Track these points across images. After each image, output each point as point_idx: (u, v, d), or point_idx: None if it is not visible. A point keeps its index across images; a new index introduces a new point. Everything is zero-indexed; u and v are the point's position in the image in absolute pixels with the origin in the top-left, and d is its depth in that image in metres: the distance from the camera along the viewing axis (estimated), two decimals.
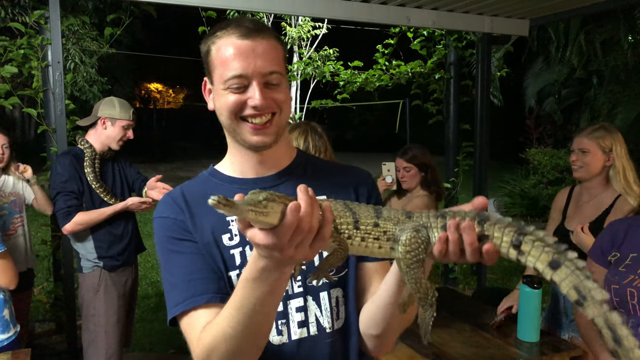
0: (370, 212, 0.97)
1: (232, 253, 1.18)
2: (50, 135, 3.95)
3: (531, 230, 0.86)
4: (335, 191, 1.25)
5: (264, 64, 1.12)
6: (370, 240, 0.97)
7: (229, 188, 1.22)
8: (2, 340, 2.52)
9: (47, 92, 3.93)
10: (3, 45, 3.90)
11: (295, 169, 1.28)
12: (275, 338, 1.18)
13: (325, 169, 1.34)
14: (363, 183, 1.32)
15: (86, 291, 3.19)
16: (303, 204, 0.87)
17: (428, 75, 5.20)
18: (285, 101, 1.18)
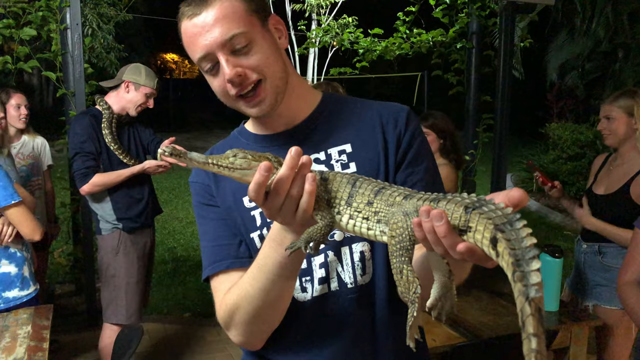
0: (372, 188, 0.90)
1: (252, 214, 1.17)
2: (69, 99, 3.96)
3: (511, 228, 0.71)
4: (360, 132, 1.17)
5: (220, 31, 1.03)
6: (359, 220, 0.90)
7: (253, 147, 1.20)
8: (21, 297, 2.58)
9: (66, 56, 3.92)
10: (22, 7, 3.88)
11: (316, 118, 1.20)
12: (300, 295, 1.17)
13: (350, 111, 1.22)
14: (391, 118, 1.18)
15: (105, 253, 3.23)
16: (283, 167, 0.86)
17: (449, 44, 5.08)
18: (265, 63, 1.06)
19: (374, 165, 1.15)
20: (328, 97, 1.25)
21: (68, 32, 3.86)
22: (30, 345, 2.09)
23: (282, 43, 1.14)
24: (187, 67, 34.66)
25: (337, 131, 1.18)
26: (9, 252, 2.57)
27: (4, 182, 2.45)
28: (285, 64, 1.13)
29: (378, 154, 1.16)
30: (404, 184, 1.14)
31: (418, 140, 1.19)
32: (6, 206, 2.45)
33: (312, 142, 1.17)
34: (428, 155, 1.21)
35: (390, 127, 1.18)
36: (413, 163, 1.17)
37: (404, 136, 1.18)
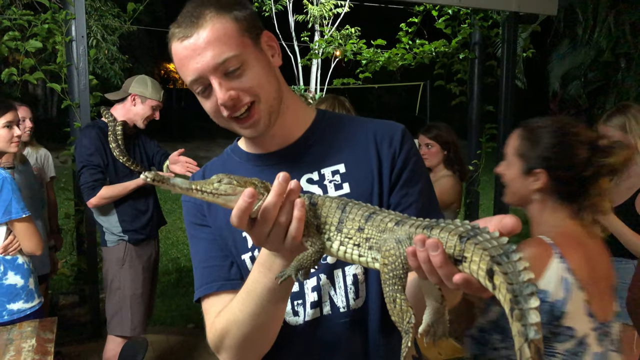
0: (363, 214, 0.87)
1: (244, 236, 1.15)
2: (74, 110, 3.97)
3: (507, 260, 0.68)
4: (354, 151, 1.15)
5: (212, 55, 1.00)
6: (350, 246, 0.87)
7: (245, 166, 1.19)
8: (25, 309, 2.58)
9: (71, 68, 3.95)
10: (27, 19, 3.91)
11: (309, 137, 1.18)
12: (291, 319, 1.14)
13: (344, 130, 1.19)
14: (386, 137, 1.15)
15: (111, 264, 3.23)
16: (271, 193, 0.85)
17: (452, 55, 5.10)
18: (259, 84, 1.04)
19: (367, 185, 1.13)
20: (322, 116, 1.22)
21: (73, 44, 3.89)
22: (35, 358, 2.08)
23: (275, 61, 1.12)
24: None
25: (330, 151, 1.16)
26: (17, 263, 2.58)
27: (17, 195, 2.49)
28: (279, 83, 1.11)
29: (372, 174, 1.13)
30: (398, 205, 1.12)
31: (413, 160, 1.16)
32: (17, 219, 2.48)
33: (305, 162, 1.15)
34: (423, 175, 1.18)
35: (385, 145, 1.15)
36: (408, 184, 1.14)
37: (398, 156, 1.15)
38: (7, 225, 2.53)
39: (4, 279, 2.54)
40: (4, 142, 2.68)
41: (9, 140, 2.68)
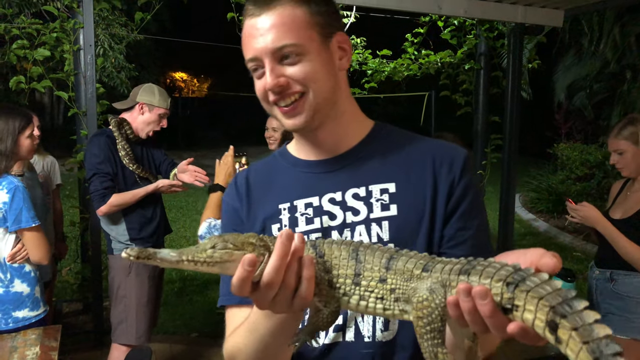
0: (382, 261, 0.78)
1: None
2: (81, 119, 4.00)
3: (572, 311, 0.61)
4: (408, 172, 1.06)
5: (273, 38, 0.98)
6: (372, 300, 0.79)
7: (292, 171, 1.14)
8: (30, 317, 2.58)
9: (78, 76, 3.97)
10: (36, 28, 3.95)
11: (362, 150, 1.10)
12: (331, 335, 1.07)
13: (401, 146, 1.10)
14: (446, 161, 1.05)
15: (117, 273, 3.22)
16: (273, 257, 0.77)
17: (457, 65, 5.11)
18: (312, 77, 1.00)
19: (418, 211, 1.04)
20: (379, 128, 1.15)
21: (81, 53, 3.92)
22: None
23: (342, 64, 1.07)
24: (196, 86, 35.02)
25: (382, 166, 1.07)
26: (24, 271, 2.58)
27: (27, 205, 2.50)
28: (337, 86, 1.06)
29: (424, 200, 1.04)
30: (452, 239, 1.03)
31: (473, 192, 1.06)
32: (27, 228, 2.49)
33: (353, 175, 1.08)
34: (482, 210, 1.10)
35: (444, 171, 1.05)
36: (465, 217, 1.04)
37: (457, 184, 1.05)
38: (17, 234, 2.54)
39: (10, 286, 2.54)
40: (27, 152, 2.76)
41: (31, 150, 2.77)
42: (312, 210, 1.07)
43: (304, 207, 1.07)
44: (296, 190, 1.10)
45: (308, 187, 1.09)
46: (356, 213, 1.04)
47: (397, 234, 1.02)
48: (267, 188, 1.14)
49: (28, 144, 2.71)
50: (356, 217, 1.04)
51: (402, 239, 1.01)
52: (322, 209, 1.06)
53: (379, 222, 1.02)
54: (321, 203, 1.06)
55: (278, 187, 1.13)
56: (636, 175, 2.70)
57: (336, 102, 1.07)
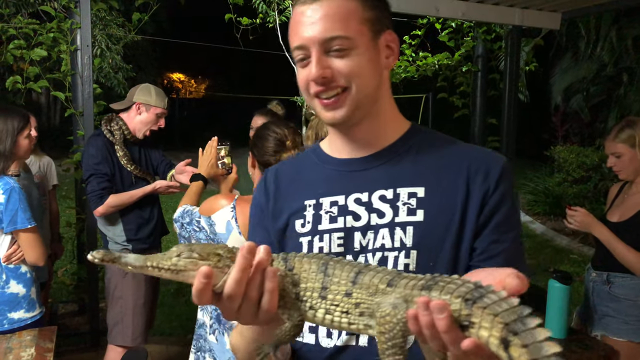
0: (349, 275, 0.77)
1: (300, 241, 1.07)
2: (77, 119, 3.99)
3: (524, 328, 0.62)
4: (439, 177, 1.01)
5: (323, 29, 0.96)
6: (337, 314, 0.78)
7: (321, 167, 1.11)
8: (26, 318, 2.57)
9: (75, 76, 3.96)
10: (33, 28, 3.94)
11: (397, 150, 1.06)
12: (324, 339, 1.04)
13: (436, 149, 1.06)
14: (482, 168, 1.00)
15: (113, 274, 3.21)
16: (234, 268, 0.77)
17: (455, 67, 5.12)
18: (356, 72, 0.97)
19: (445, 219, 0.98)
20: (415, 130, 1.10)
21: (78, 53, 3.91)
22: None
23: (387, 63, 1.04)
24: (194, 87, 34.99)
25: (413, 169, 1.03)
26: (19, 272, 2.57)
27: (23, 206, 2.49)
28: (380, 83, 1.04)
29: (454, 208, 0.99)
30: (484, 252, 0.98)
31: (509, 203, 1.00)
32: (22, 229, 2.47)
33: (383, 176, 1.04)
34: (517, 223, 1.04)
35: (479, 179, 0.99)
36: (500, 229, 0.98)
37: (492, 194, 0.99)
38: (13, 235, 2.53)
39: (6, 287, 2.53)
40: (25, 152, 2.75)
41: (28, 150, 2.76)
42: (336, 209, 1.04)
43: (329, 205, 1.05)
44: (323, 188, 1.08)
45: (336, 185, 1.06)
46: (381, 215, 1.00)
47: (421, 240, 0.97)
48: (295, 184, 1.13)
49: (26, 144, 2.71)
50: (381, 219, 1.00)
51: (426, 246, 0.97)
52: (347, 208, 1.03)
53: (403, 226, 0.98)
54: (347, 202, 1.03)
55: (306, 183, 1.11)
56: (633, 178, 2.70)
57: (377, 100, 1.04)
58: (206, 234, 2.00)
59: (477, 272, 0.76)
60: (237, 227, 1.93)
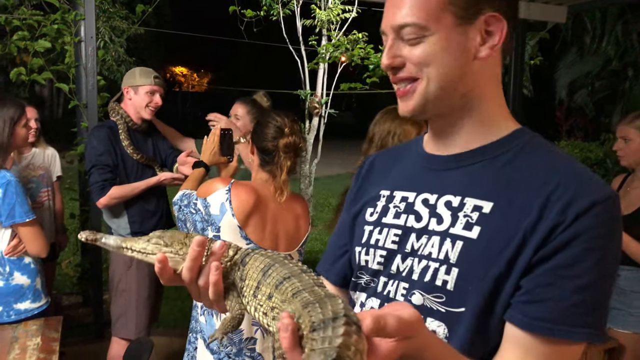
0: (277, 278, 0.78)
1: (364, 229, 1.04)
2: (81, 111, 3.98)
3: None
4: (513, 195, 0.86)
5: (398, 14, 0.89)
6: (260, 314, 0.79)
7: (410, 159, 1.06)
8: (32, 309, 2.57)
9: (79, 68, 3.95)
10: (37, 20, 3.93)
11: (485, 154, 0.93)
12: None
13: (531, 163, 0.89)
14: (565, 198, 0.81)
15: (117, 267, 3.21)
16: (187, 259, 0.84)
17: None
18: (428, 61, 0.89)
19: (500, 244, 0.84)
20: (517, 135, 0.94)
21: (82, 44, 3.90)
22: (40, 357, 2.08)
23: (482, 50, 0.91)
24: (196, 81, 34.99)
25: (491, 180, 0.91)
26: (23, 263, 2.57)
27: (21, 199, 2.48)
28: (467, 76, 0.91)
29: (515, 234, 0.83)
30: (527, 293, 0.82)
31: (588, 247, 0.79)
32: (21, 223, 2.47)
33: (458, 181, 0.94)
34: (598, 278, 0.80)
35: (556, 208, 0.81)
36: (559, 273, 0.80)
37: (565, 229, 0.80)
38: (12, 228, 2.53)
39: (10, 279, 2.53)
40: (23, 142, 2.73)
41: (26, 139, 2.75)
42: (404, 205, 0.98)
43: (399, 199, 1.00)
44: (402, 180, 1.03)
45: (412, 180, 1.01)
46: (440, 222, 0.91)
47: (465, 258, 0.87)
48: (384, 171, 1.10)
49: (23, 134, 2.68)
50: (439, 226, 0.91)
51: (469, 267, 0.86)
52: (413, 207, 0.97)
53: (454, 239, 0.88)
54: (415, 201, 0.97)
55: (392, 172, 1.07)
56: (634, 167, 2.70)
57: (465, 94, 0.92)
58: (201, 215, 2.04)
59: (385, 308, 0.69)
60: (230, 209, 1.98)
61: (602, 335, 0.81)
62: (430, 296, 0.89)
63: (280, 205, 2.11)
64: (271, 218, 2.09)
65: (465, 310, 0.85)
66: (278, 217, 2.11)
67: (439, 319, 0.88)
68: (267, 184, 2.13)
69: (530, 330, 0.80)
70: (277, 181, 2.11)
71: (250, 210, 2.01)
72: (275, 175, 2.11)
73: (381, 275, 0.98)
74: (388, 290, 0.96)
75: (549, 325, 0.78)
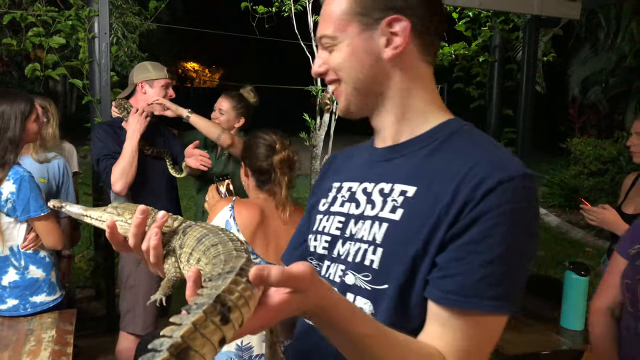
0: (207, 245, 0.83)
1: (316, 217, 1.12)
2: (95, 106, 4.02)
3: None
4: (433, 178, 0.92)
5: (319, 28, 1.02)
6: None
7: (361, 153, 1.14)
8: (48, 302, 2.61)
9: (93, 64, 3.99)
10: (52, 16, 3.97)
11: (415, 145, 1.00)
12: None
13: (456, 150, 0.94)
14: (477, 178, 0.85)
15: (127, 262, 3.23)
16: (131, 225, 0.92)
17: (472, 58, 5.07)
18: (341, 66, 0.99)
19: (418, 224, 0.90)
20: (447, 126, 1.00)
21: (96, 40, 3.94)
22: (55, 349, 2.11)
23: (387, 52, 0.97)
24: (208, 76, 35.08)
25: (418, 167, 0.97)
26: (38, 257, 2.61)
27: (35, 194, 2.51)
28: (378, 76, 0.99)
29: (431, 214, 0.88)
30: (441, 269, 0.86)
31: (493, 222, 0.83)
32: (36, 217, 2.50)
33: (391, 170, 1.01)
34: (506, 252, 0.83)
35: (468, 188, 0.86)
36: (469, 248, 0.84)
37: (473, 208, 0.84)
38: (28, 222, 2.56)
39: (25, 272, 2.58)
40: (34, 136, 2.76)
41: (37, 133, 2.77)
42: (348, 195, 1.06)
43: (346, 189, 1.08)
44: (351, 172, 1.11)
45: (358, 171, 1.09)
46: (373, 207, 0.98)
47: (388, 239, 0.93)
48: (341, 167, 1.18)
49: (34, 128, 2.70)
50: (371, 211, 0.98)
51: (391, 247, 0.92)
52: (354, 195, 1.04)
53: (381, 222, 0.95)
54: (357, 190, 1.05)
55: (346, 166, 1.16)
56: None
57: (382, 94, 1.00)
58: None
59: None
60: (235, 225, 2.02)
61: (512, 307, 0.84)
62: (360, 275, 0.95)
63: (283, 221, 2.12)
64: (274, 234, 2.10)
65: (388, 287, 0.91)
66: (280, 233, 2.11)
67: (366, 297, 0.94)
68: (267, 202, 2.13)
69: (443, 303, 0.84)
70: (278, 199, 2.11)
71: (254, 228, 2.04)
72: (275, 193, 2.12)
73: (325, 259, 1.05)
74: (329, 273, 1.03)
75: (459, 297, 0.82)
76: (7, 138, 2.50)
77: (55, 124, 3.70)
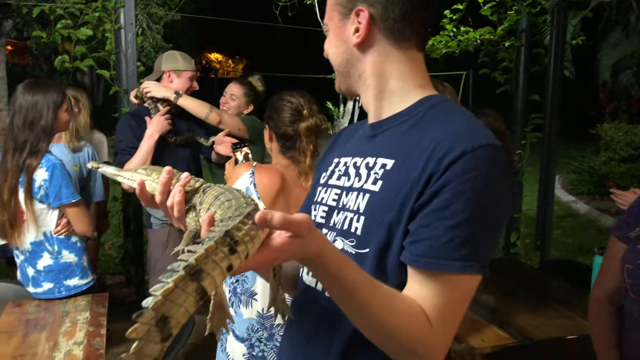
0: (222, 201, 0.91)
1: (317, 189, 1.22)
2: (122, 96, 4.09)
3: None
4: (410, 151, 0.99)
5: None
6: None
7: (360, 130, 1.20)
8: (81, 285, 2.70)
9: (119, 55, 4.06)
10: (79, 8, 4.04)
11: (398, 120, 1.07)
12: (305, 277, 1.16)
13: (428, 123, 1.01)
14: (443, 149, 0.91)
15: (155, 247, 3.30)
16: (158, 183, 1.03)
17: (497, 42, 4.98)
18: (327, 51, 1.15)
19: (393, 195, 0.98)
20: (423, 102, 1.06)
21: (122, 31, 4.00)
22: (89, 330, 2.19)
23: (354, 39, 1.07)
24: (231, 67, 35.24)
25: (397, 141, 1.05)
26: (70, 242, 2.70)
27: (66, 181, 2.59)
28: (352, 61, 1.10)
29: (404, 185, 0.96)
30: (411, 235, 0.94)
31: (459, 191, 0.89)
32: (68, 204, 2.59)
33: (376, 145, 1.10)
34: (470, 217, 0.89)
35: (434, 160, 0.92)
36: (435, 215, 0.91)
37: (438, 177, 0.91)
38: (59, 209, 2.65)
39: (59, 257, 2.67)
40: (65, 125, 2.83)
41: (67, 122, 2.84)
42: (344, 169, 1.14)
43: (343, 164, 1.16)
44: (349, 148, 1.20)
45: (354, 147, 1.18)
46: (359, 180, 1.07)
47: (369, 209, 1.02)
48: (344, 142, 1.26)
49: (66, 118, 2.76)
50: (358, 183, 1.07)
51: (372, 215, 1.01)
52: (348, 170, 1.13)
53: (364, 193, 1.04)
54: (349, 164, 1.13)
55: (348, 142, 1.24)
56: None
57: (361, 76, 1.11)
58: None
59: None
60: (255, 192, 1.95)
61: (479, 267, 0.91)
62: (347, 241, 1.05)
63: (305, 189, 2.03)
64: (295, 202, 2.01)
65: (369, 251, 1.00)
66: (302, 201, 2.08)
67: (352, 260, 0.97)
68: (289, 169, 2.05)
69: (415, 265, 0.93)
70: (301, 166, 2.03)
71: (275, 195, 1.97)
72: (299, 161, 2.03)
73: (323, 228, 1.12)
74: None
75: (427, 260, 0.90)
76: (40, 127, 2.58)
77: (86, 114, 3.79)
